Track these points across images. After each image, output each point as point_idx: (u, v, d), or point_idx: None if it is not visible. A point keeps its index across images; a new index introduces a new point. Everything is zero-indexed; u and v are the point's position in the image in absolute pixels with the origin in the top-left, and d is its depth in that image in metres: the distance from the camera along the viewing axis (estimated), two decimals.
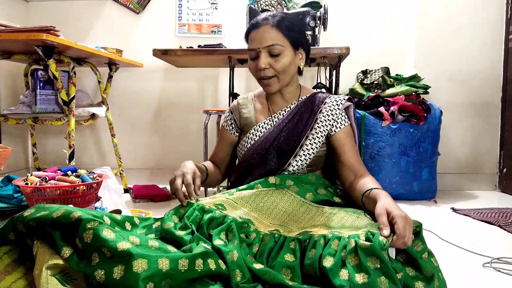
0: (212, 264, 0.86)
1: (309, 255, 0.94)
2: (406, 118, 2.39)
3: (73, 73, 2.20)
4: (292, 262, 0.94)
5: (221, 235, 0.99)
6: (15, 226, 0.88)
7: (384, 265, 0.85)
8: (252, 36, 1.32)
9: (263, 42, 1.28)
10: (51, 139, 3.01)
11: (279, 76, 1.31)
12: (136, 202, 2.36)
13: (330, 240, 0.93)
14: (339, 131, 1.33)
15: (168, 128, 2.98)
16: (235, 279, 0.87)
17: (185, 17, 2.88)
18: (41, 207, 0.90)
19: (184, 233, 0.98)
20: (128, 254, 0.78)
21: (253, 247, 1.00)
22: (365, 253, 0.87)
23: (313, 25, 2.25)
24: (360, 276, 0.84)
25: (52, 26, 1.88)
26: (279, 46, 1.28)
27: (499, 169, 2.80)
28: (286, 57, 1.30)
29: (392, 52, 2.81)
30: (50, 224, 0.86)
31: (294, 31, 1.32)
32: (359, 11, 2.81)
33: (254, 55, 1.32)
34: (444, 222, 1.98)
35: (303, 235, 1.00)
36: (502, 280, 1.27)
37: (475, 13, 2.72)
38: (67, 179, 1.50)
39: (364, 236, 0.91)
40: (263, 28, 1.29)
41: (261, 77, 1.32)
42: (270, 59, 1.29)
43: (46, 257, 0.82)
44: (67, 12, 2.91)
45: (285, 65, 1.30)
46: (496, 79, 2.76)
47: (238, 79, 2.78)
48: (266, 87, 1.33)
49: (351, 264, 0.87)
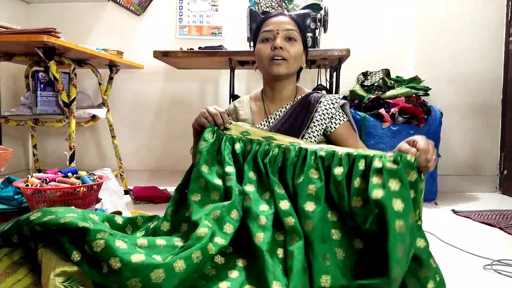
0: (221, 240, 0.90)
1: (335, 171, 0.96)
2: (407, 120, 2.39)
3: (73, 74, 2.20)
4: (317, 179, 0.97)
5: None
6: (20, 229, 0.88)
7: (404, 189, 0.87)
8: (269, 21, 1.37)
9: (282, 26, 1.35)
10: (51, 141, 3.01)
11: (290, 61, 1.34)
12: (137, 203, 2.36)
13: (356, 159, 0.95)
14: (339, 127, 1.36)
15: (168, 130, 2.98)
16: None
17: (186, 19, 2.89)
18: (48, 211, 0.89)
19: (220, 182, 1.06)
20: (144, 267, 0.78)
21: (277, 163, 1.07)
22: (389, 174, 0.88)
23: (313, 27, 2.25)
24: (376, 192, 0.86)
25: (52, 28, 1.88)
26: (296, 32, 1.36)
27: (500, 171, 2.79)
28: (299, 46, 1.36)
29: (392, 54, 2.81)
30: (57, 229, 0.85)
31: (305, 30, 1.40)
32: (359, 13, 2.82)
33: (269, 36, 1.35)
34: (444, 224, 1.98)
35: (326, 151, 1.01)
36: (502, 282, 1.27)
37: (475, 15, 2.72)
38: (68, 180, 1.50)
39: (393, 157, 0.92)
40: (282, 16, 1.38)
41: (274, 55, 1.33)
42: (286, 43, 1.34)
43: (52, 264, 0.82)
44: (68, 14, 2.91)
45: (298, 52, 1.35)
46: (497, 81, 2.76)
47: (238, 81, 2.78)
48: (276, 66, 1.34)
49: (373, 182, 0.89)
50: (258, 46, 1.39)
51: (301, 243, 0.91)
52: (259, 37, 1.39)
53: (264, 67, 1.37)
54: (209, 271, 0.90)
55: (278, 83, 1.39)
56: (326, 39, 2.61)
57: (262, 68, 1.39)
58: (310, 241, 0.91)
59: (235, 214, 0.97)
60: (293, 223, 0.95)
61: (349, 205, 0.92)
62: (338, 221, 0.94)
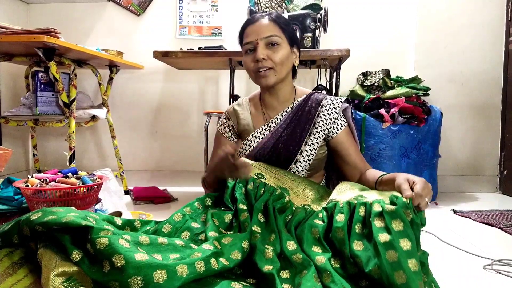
0: (225, 262, 0.91)
1: (336, 218, 0.99)
2: (407, 120, 2.39)
3: (73, 75, 2.20)
4: (320, 224, 1.01)
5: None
6: (21, 230, 0.88)
7: (407, 228, 0.88)
8: (248, 30, 1.30)
9: (261, 33, 1.27)
10: (51, 141, 3.01)
11: (276, 68, 1.28)
12: (137, 204, 2.36)
13: (356, 207, 0.98)
14: (340, 134, 1.33)
15: (168, 130, 2.98)
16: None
17: (186, 19, 2.89)
18: (48, 211, 0.89)
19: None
20: (147, 266, 0.78)
21: (285, 216, 1.10)
22: (390, 216, 0.90)
23: (313, 27, 2.25)
24: (383, 236, 0.88)
25: (53, 28, 1.88)
26: (277, 37, 1.27)
27: (500, 171, 2.79)
28: (283, 49, 1.28)
29: (392, 54, 2.81)
30: (58, 229, 0.85)
31: (290, 27, 1.33)
32: (359, 13, 2.82)
33: (250, 47, 1.29)
34: (444, 224, 1.98)
35: (328, 203, 1.06)
36: (502, 282, 1.27)
37: (475, 15, 2.72)
38: (68, 181, 1.50)
39: (389, 199, 0.95)
40: (260, 21, 1.29)
41: (258, 68, 1.28)
42: (268, 51, 1.27)
43: (52, 264, 0.81)
44: (68, 14, 2.91)
45: (283, 57, 1.28)
46: (497, 81, 2.76)
47: (238, 81, 2.78)
48: (263, 78, 1.29)
49: (376, 226, 0.90)
50: (243, 58, 1.34)
51: (311, 273, 0.91)
52: (242, 48, 1.34)
53: (253, 79, 1.33)
54: (211, 280, 0.89)
55: (272, 90, 1.35)
56: (326, 39, 2.61)
57: (252, 79, 1.35)
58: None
59: (246, 244, 0.98)
60: (301, 259, 0.96)
61: (350, 249, 0.93)
62: (340, 268, 0.94)
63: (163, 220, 1.09)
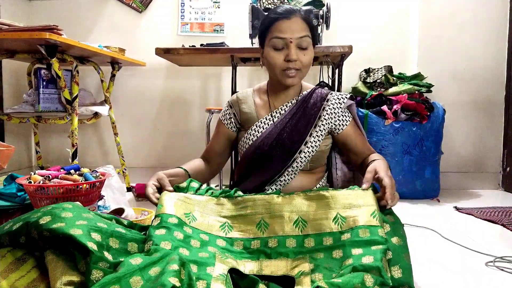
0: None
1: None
2: (409, 116, 2.38)
3: (76, 72, 2.20)
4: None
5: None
6: (29, 231, 0.88)
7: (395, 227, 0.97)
8: (282, 25, 1.27)
9: (296, 33, 1.25)
10: (54, 138, 3.02)
11: (303, 70, 1.29)
12: (139, 200, 2.37)
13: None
14: (346, 128, 1.35)
15: (170, 127, 2.99)
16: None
17: (188, 16, 2.88)
18: (58, 216, 0.88)
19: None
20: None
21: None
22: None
23: (316, 24, 2.25)
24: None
25: (55, 25, 1.88)
26: (309, 38, 1.27)
27: (503, 167, 2.79)
28: (311, 52, 1.30)
29: (395, 51, 2.80)
30: (64, 238, 0.85)
31: (315, 26, 1.34)
32: (361, 9, 2.81)
33: (281, 45, 1.27)
34: (447, 221, 1.98)
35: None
36: (505, 279, 1.27)
37: (478, 11, 2.71)
38: (70, 177, 1.50)
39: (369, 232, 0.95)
40: (295, 19, 1.26)
41: (287, 67, 1.27)
42: (299, 52, 1.27)
43: (58, 272, 0.82)
44: (70, 11, 2.91)
45: (311, 60, 1.29)
46: (500, 77, 2.74)
47: (240, 77, 2.78)
48: (290, 78, 1.29)
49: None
50: (269, 52, 1.29)
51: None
52: (269, 40, 1.29)
53: (275, 74, 1.31)
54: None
55: (283, 88, 1.37)
56: (328, 36, 2.60)
57: (273, 74, 1.33)
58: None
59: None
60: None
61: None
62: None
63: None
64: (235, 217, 1.12)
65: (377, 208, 1.01)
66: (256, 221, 1.09)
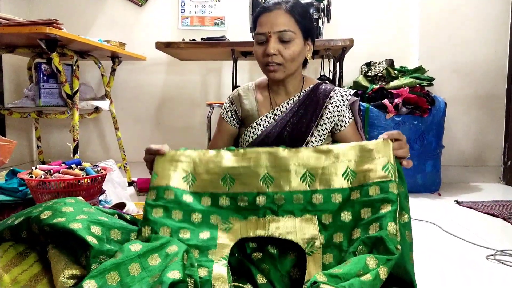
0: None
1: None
2: (410, 110, 2.37)
3: (76, 66, 2.20)
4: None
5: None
6: (30, 226, 0.88)
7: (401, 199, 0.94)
8: (262, 19, 1.25)
9: (275, 26, 1.21)
10: (55, 133, 3.02)
11: (286, 64, 1.24)
12: (140, 195, 2.38)
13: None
14: (346, 128, 1.32)
15: (171, 121, 2.98)
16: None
17: (188, 10, 2.87)
18: (58, 210, 0.89)
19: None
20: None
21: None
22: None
23: (316, 17, 2.24)
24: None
25: (55, 19, 1.88)
26: (291, 32, 1.22)
27: (504, 161, 2.78)
28: (296, 45, 1.24)
29: (396, 44, 2.79)
30: (64, 233, 0.86)
31: (306, 19, 1.27)
32: (363, 2, 2.79)
33: (262, 39, 1.25)
34: (448, 214, 1.98)
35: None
36: (505, 272, 1.27)
37: (480, 5, 2.69)
38: (72, 172, 1.50)
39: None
40: (276, 12, 1.23)
41: (267, 62, 1.24)
42: (280, 45, 1.22)
43: (61, 265, 0.83)
44: (70, 5, 2.90)
45: (294, 54, 1.24)
46: (501, 71, 2.73)
47: (241, 71, 2.77)
48: (271, 73, 1.26)
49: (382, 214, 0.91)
50: (254, 46, 1.29)
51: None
52: (254, 35, 1.29)
53: (262, 70, 1.31)
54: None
55: (280, 82, 1.33)
56: (329, 29, 2.59)
57: (261, 70, 1.32)
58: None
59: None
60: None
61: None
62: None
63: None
64: (237, 168, 1.03)
65: (391, 159, 0.97)
66: (261, 174, 1.02)
